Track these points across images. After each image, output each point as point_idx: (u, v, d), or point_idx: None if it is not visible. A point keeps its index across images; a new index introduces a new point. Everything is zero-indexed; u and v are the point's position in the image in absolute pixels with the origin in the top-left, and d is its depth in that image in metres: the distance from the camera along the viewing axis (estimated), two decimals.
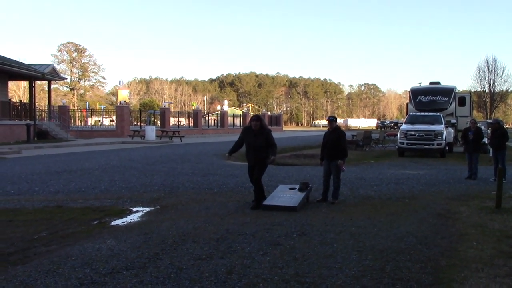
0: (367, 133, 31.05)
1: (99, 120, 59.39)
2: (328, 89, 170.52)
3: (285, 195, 9.66)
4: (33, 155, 21.63)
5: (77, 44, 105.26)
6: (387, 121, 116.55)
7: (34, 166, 16.70)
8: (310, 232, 7.19)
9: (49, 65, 38.54)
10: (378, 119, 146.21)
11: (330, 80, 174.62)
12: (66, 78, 45.69)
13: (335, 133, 10.14)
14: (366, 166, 18.33)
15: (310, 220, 8.09)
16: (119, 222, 8.19)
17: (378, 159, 21.66)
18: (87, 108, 71.98)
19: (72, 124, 46.23)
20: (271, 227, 7.47)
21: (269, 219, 8.05)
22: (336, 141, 10.03)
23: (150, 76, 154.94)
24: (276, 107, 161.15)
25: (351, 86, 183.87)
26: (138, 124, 50.30)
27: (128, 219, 8.47)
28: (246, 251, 6.12)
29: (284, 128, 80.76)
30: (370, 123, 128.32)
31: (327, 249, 6.25)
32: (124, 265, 5.51)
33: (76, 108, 78.26)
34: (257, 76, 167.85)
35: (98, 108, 69.47)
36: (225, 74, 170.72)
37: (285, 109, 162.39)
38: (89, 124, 51.95)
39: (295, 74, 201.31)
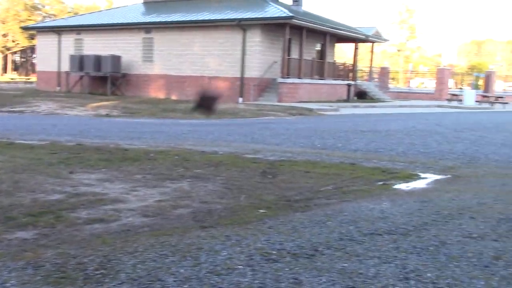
0: None
1: (422, 82, 58.72)
2: None
3: None
4: (348, 114, 23.20)
5: (407, 5, 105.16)
6: None
7: (344, 123, 17.96)
8: None
9: (373, 27, 39.86)
10: None
11: None
12: (388, 40, 46.39)
13: None
14: None
15: None
16: (402, 186, 8.16)
17: None
18: (410, 69, 71.94)
19: (393, 86, 47.03)
20: None
21: None
22: None
23: (482, 37, 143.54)
24: None
25: None
26: (462, 87, 47.86)
27: (413, 184, 8.33)
28: None
29: None
30: None
31: None
32: (387, 229, 5.54)
33: (401, 69, 79.03)
34: None
35: (418, 69, 68.63)
36: None
37: None
38: (410, 86, 51.96)
39: None
